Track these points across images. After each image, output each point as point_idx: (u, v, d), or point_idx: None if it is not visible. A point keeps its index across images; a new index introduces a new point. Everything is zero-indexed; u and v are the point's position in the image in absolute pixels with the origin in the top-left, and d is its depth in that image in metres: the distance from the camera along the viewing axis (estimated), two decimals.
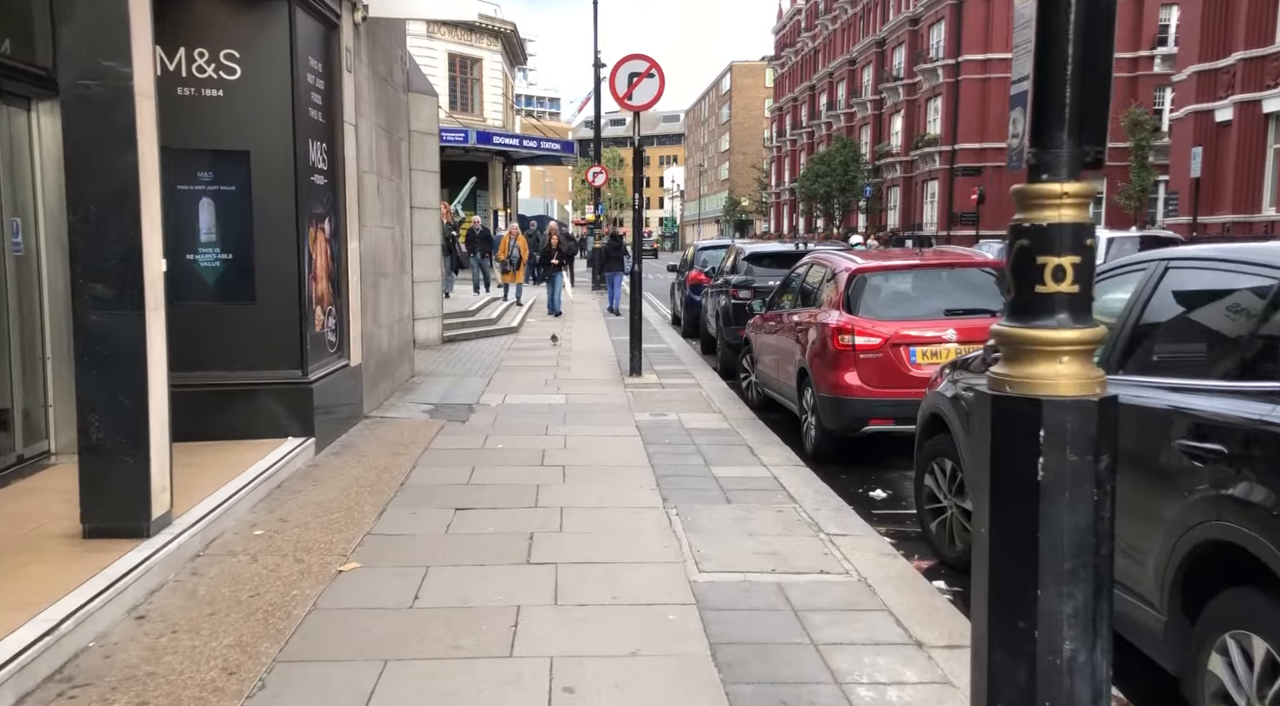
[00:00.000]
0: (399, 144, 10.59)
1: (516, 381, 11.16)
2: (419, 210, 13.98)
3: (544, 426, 8.51)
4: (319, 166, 7.55)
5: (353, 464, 6.98)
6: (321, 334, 7.61)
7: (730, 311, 11.99)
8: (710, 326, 13.88)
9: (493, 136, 36.52)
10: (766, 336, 9.42)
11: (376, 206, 9.32)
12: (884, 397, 7.14)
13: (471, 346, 14.53)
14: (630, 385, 10.97)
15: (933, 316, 7.30)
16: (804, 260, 9.12)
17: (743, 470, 6.94)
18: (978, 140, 41.06)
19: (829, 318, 7.56)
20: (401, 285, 10.60)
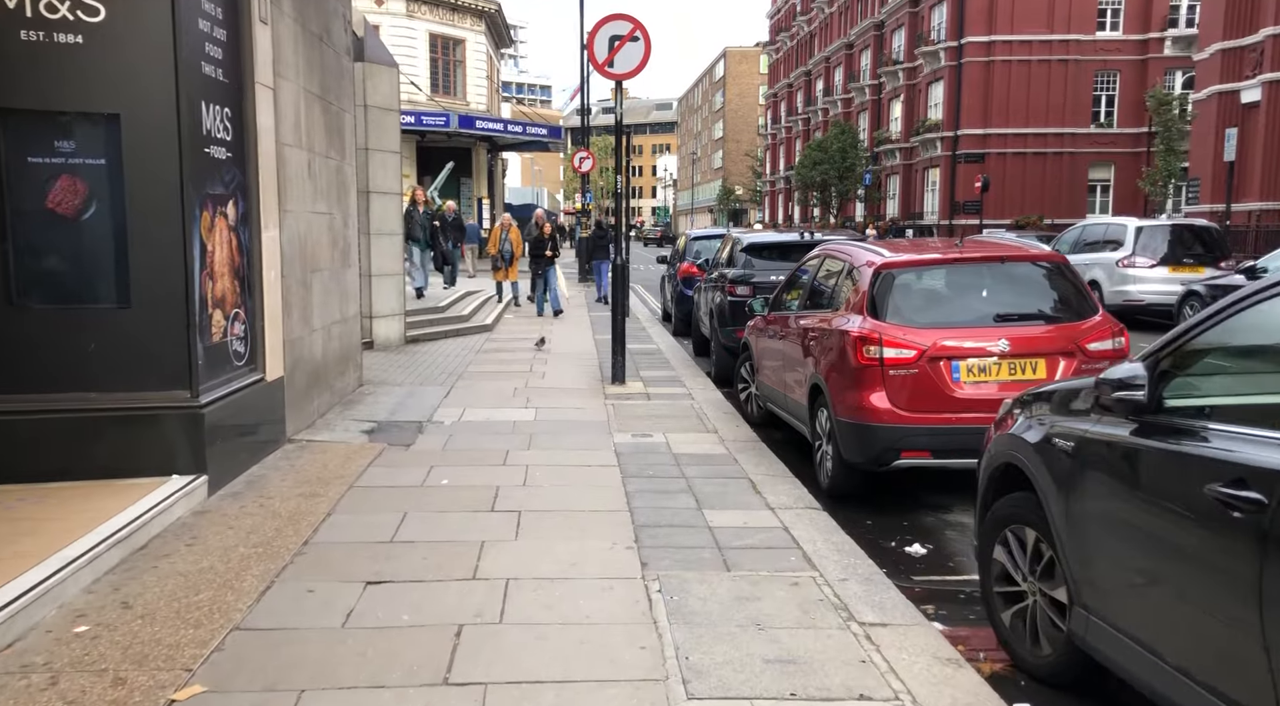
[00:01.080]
0: (341, 117, 9.12)
1: (481, 391, 9.71)
2: (377, 195, 12.52)
3: (503, 452, 7.07)
4: (218, 136, 6.08)
5: (253, 510, 5.54)
6: (223, 344, 6.16)
7: (726, 310, 10.55)
8: (703, 325, 12.45)
9: (475, 120, 34.98)
10: (770, 342, 7.99)
11: (306, 188, 7.85)
12: (919, 425, 5.72)
13: (438, 347, 13.07)
14: (611, 396, 9.54)
15: (979, 322, 5.87)
16: (815, 253, 7.69)
17: (744, 516, 5.52)
18: (981, 126, 39.61)
19: (849, 324, 6.13)
20: (344, 281, 9.15)
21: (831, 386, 6.20)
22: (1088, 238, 17.20)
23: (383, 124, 12.58)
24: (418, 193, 17.39)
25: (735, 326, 10.40)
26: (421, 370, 10.99)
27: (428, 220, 17.14)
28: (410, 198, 16.88)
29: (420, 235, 16.66)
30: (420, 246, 16.68)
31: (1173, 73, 38.51)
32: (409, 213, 16.16)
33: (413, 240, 16.19)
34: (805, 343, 6.88)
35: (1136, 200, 38.54)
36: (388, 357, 11.88)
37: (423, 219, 16.89)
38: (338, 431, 7.76)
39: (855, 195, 49.95)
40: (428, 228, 17.01)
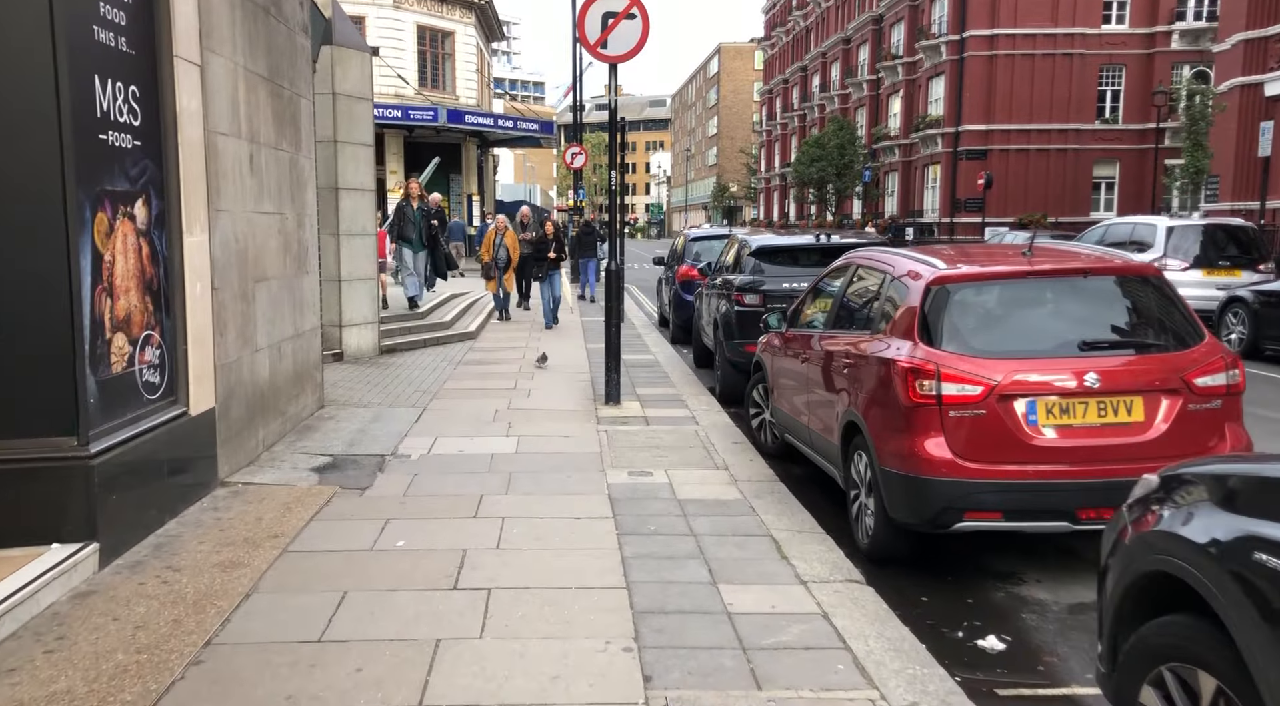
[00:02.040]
0: (295, 103, 7.96)
1: (457, 414, 8.57)
2: (348, 192, 11.37)
3: (475, 498, 5.93)
4: (121, 120, 4.93)
5: (152, 589, 4.39)
6: (127, 375, 5.01)
7: (734, 321, 9.43)
8: (706, 336, 11.32)
9: (465, 115, 33.84)
10: (789, 363, 6.87)
11: (249, 185, 6.69)
12: (987, 478, 4.61)
13: (415, 359, 11.91)
14: (605, 419, 8.41)
15: (1060, 352, 4.76)
16: (843, 261, 6.55)
17: (771, 595, 4.40)
18: (983, 121, 38.55)
19: (895, 351, 5.01)
20: (299, 290, 8.00)
21: (873, 427, 5.08)
22: (1112, 238, 16.12)
23: (353, 114, 11.43)
24: (412, 186, 15.25)
25: (744, 340, 9.28)
26: (393, 387, 9.83)
27: (422, 218, 14.79)
28: (403, 192, 15.23)
29: (414, 235, 14.58)
30: (413, 248, 14.59)
31: (1180, 67, 37.50)
32: (400, 209, 14.80)
33: (404, 241, 14.46)
34: (836, 370, 5.76)
35: (1142, 198, 37.54)
36: (358, 372, 10.73)
37: (416, 216, 14.67)
38: (284, 469, 6.61)
39: (853, 193, 48.84)
40: (422, 226, 14.75)
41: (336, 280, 11.39)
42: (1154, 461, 4.51)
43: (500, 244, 15.86)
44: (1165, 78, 36.64)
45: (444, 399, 9.29)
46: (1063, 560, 5.23)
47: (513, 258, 16.01)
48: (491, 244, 15.88)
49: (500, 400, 9.22)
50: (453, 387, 9.91)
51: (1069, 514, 4.57)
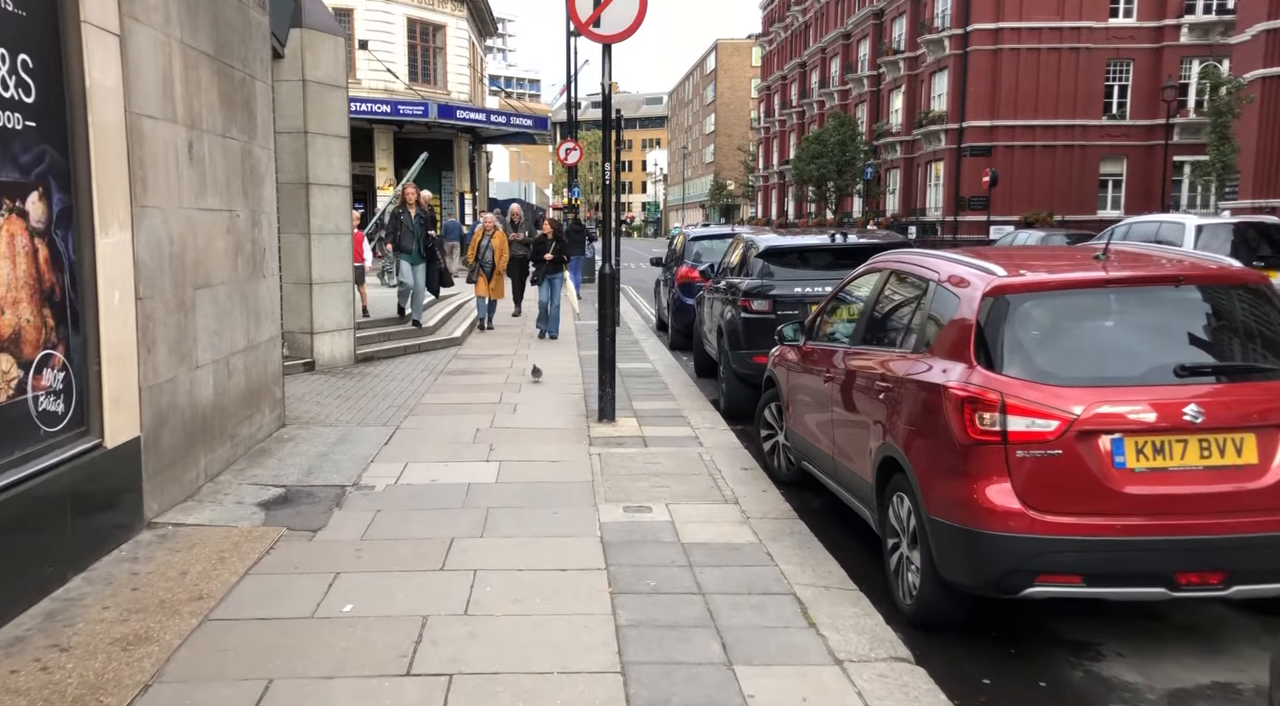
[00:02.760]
0: (249, 86, 7.08)
1: (434, 433, 7.70)
2: (321, 188, 10.50)
3: (445, 543, 5.07)
4: (6, 96, 4.06)
5: (25, 682, 3.51)
6: (16, 405, 4.13)
7: (740, 329, 8.57)
8: (708, 344, 10.45)
9: (456, 110, 32.91)
10: (807, 381, 6.01)
11: (187, 177, 5.82)
12: (1065, 534, 3.75)
13: (393, 368, 11.03)
14: (598, 440, 7.55)
15: (1153, 378, 3.90)
16: (871, 265, 5.68)
17: (800, 683, 3.54)
18: (988, 117, 37.68)
19: (945, 374, 4.15)
20: (254, 296, 7.12)
21: (918, 466, 4.22)
22: (1136, 237, 15.26)
23: (326, 103, 10.55)
24: (409, 192, 13.54)
25: (751, 351, 8.42)
26: (366, 401, 8.95)
27: (421, 227, 13.01)
28: (399, 199, 13.64)
29: (412, 246, 12.79)
30: (411, 260, 12.76)
31: (1189, 61, 36.65)
32: (396, 217, 13.24)
33: (402, 253, 12.82)
34: (867, 393, 4.90)
35: (1150, 196, 36.70)
36: (329, 384, 9.84)
37: (415, 225, 12.88)
38: (226, 505, 5.74)
39: (854, 191, 48.00)
40: (421, 237, 12.96)
41: (307, 283, 10.51)
42: (1271, 513, 3.67)
43: (486, 245, 14.33)
44: (1174, 73, 35.81)
45: (421, 415, 8.41)
46: (1147, 626, 4.36)
47: (499, 261, 14.43)
48: (477, 245, 14.46)
49: (483, 417, 8.34)
50: (432, 402, 9.03)
51: (1166, 578, 3.72)
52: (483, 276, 14.43)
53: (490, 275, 14.48)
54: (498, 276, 14.67)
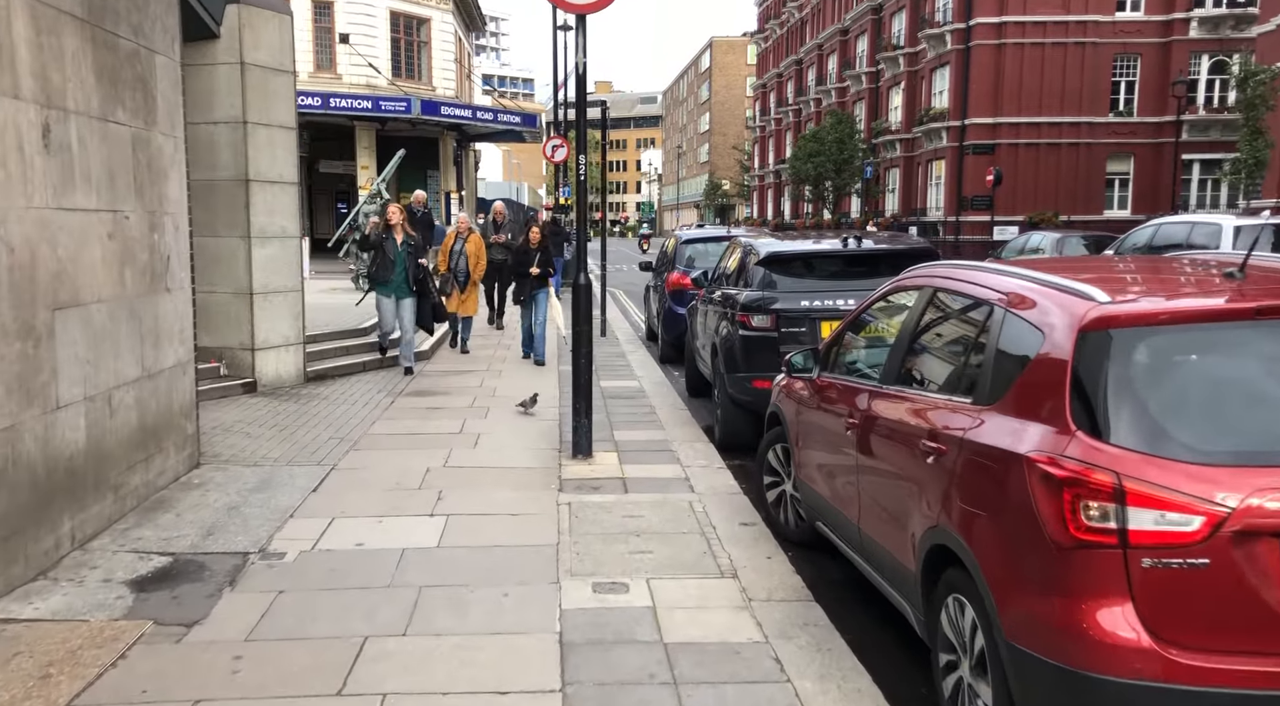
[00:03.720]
0: (146, 61, 5.86)
1: (375, 475, 6.49)
2: (263, 186, 9.30)
3: (355, 646, 3.86)
4: None
5: None
6: None
7: (738, 348, 7.37)
8: (701, 361, 9.26)
9: (440, 106, 31.69)
10: (823, 421, 4.82)
11: (41, 169, 4.60)
12: (1220, 686, 2.55)
13: (347, 388, 9.81)
14: (570, 483, 6.35)
15: None
16: (909, 279, 4.47)
17: None
18: (991, 114, 36.51)
19: (1027, 439, 2.96)
20: (152, 315, 5.89)
21: (989, 567, 3.02)
22: (1164, 240, 14.07)
23: (269, 89, 9.34)
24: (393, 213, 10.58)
25: (751, 374, 7.23)
26: (305, 431, 7.74)
27: (408, 255, 10.39)
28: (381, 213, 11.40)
29: (395, 277, 10.32)
30: (393, 293, 10.38)
31: (1199, 56, 35.58)
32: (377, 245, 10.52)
33: (379, 286, 10.49)
34: (907, 452, 3.70)
35: (1158, 195, 35.63)
36: (269, 409, 8.63)
37: (400, 253, 10.32)
38: (89, 584, 4.52)
39: (853, 190, 46.82)
40: (409, 266, 10.40)
41: (248, 293, 9.30)
42: None
43: (460, 251, 12.15)
44: (1183, 68, 34.73)
45: (365, 450, 7.20)
46: None
47: (473, 270, 12.19)
48: (449, 250, 12.27)
49: (437, 452, 7.13)
50: (382, 433, 7.82)
51: None
52: (455, 289, 12.07)
53: (464, 286, 12.17)
54: (472, 288, 12.32)
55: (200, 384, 9.00)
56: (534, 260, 11.28)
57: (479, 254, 12.38)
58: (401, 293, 10.39)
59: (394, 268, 10.34)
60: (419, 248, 10.62)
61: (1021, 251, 19.48)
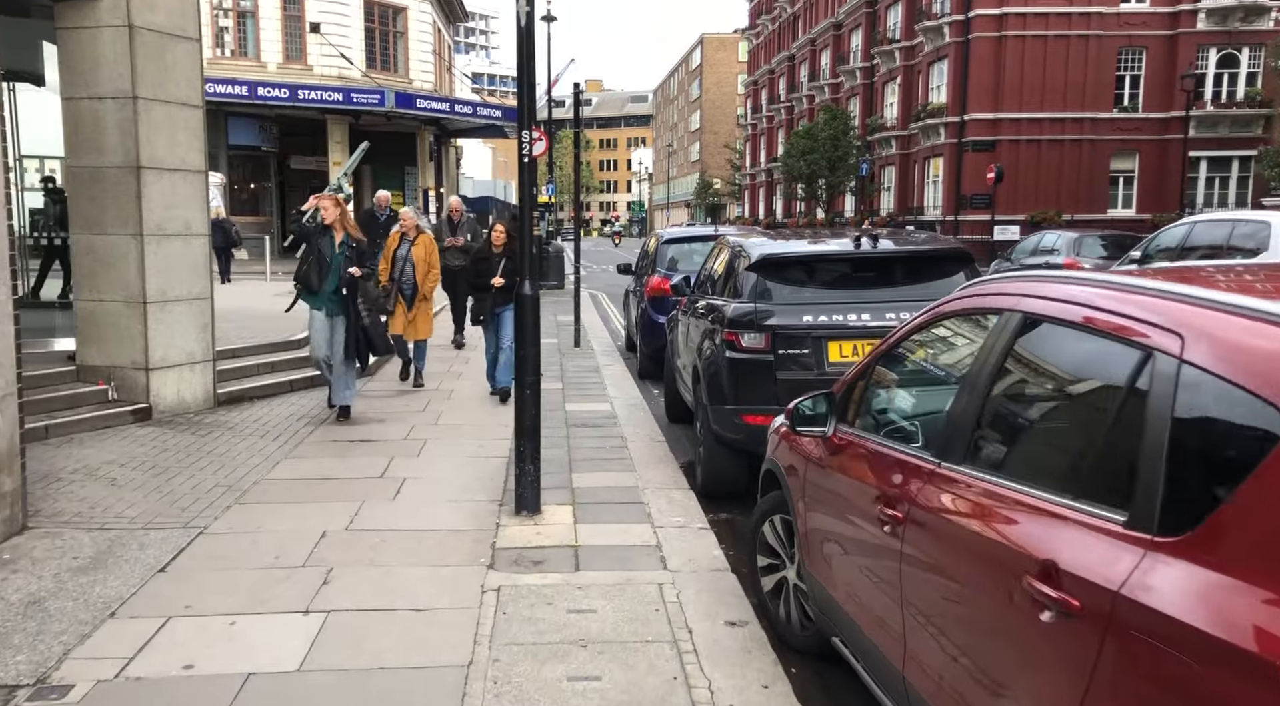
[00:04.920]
0: None
1: (253, 544, 4.99)
2: (158, 174, 7.81)
3: None
4: None
5: None
6: None
7: (725, 374, 5.88)
8: (682, 382, 7.77)
9: (416, 99, 30.15)
10: (844, 491, 3.33)
11: None
12: None
13: (263, 413, 8.30)
14: (505, 554, 4.86)
15: None
16: (975, 299, 2.96)
17: None
18: (991, 110, 35.10)
19: (1271, 621, 1.47)
20: None
21: None
22: (1200, 241, 12.69)
23: (166, 59, 7.83)
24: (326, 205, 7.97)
25: (741, 407, 5.76)
26: (187, 476, 6.23)
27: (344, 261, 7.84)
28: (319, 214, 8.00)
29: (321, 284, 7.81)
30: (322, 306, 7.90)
31: (1206, 49, 34.25)
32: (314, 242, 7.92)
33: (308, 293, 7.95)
34: (1001, 587, 2.22)
35: (1164, 193, 34.32)
36: (156, 444, 7.11)
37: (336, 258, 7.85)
38: None
39: (847, 188, 45.40)
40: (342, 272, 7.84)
41: (140, 302, 7.78)
42: None
43: (405, 258, 9.57)
44: (1190, 62, 33.39)
45: (252, 504, 5.70)
46: None
47: (422, 282, 9.58)
48: (391, 257, 9.60)
49: (343, 509, 5.62)
50: (283, 477, 6.31)
51: None
52: (400, 306, 9.50)
53: (411, 302, 9.55)
54: (422, 304, 9.62)
55: (81, 411, 7.53)
56: (497, 269, 8.76)
57: (430, 260, 9.69)
58: (335, 308, 7.91)
59: (328, 273, 7.81)
60: (360, 254, 7.97)
61: (1034, 252, 18.07)
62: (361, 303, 7.91)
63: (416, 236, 9.77)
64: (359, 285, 7.90)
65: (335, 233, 7.94)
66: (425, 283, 9.65)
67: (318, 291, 7.87)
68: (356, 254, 7.93)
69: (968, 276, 5.93)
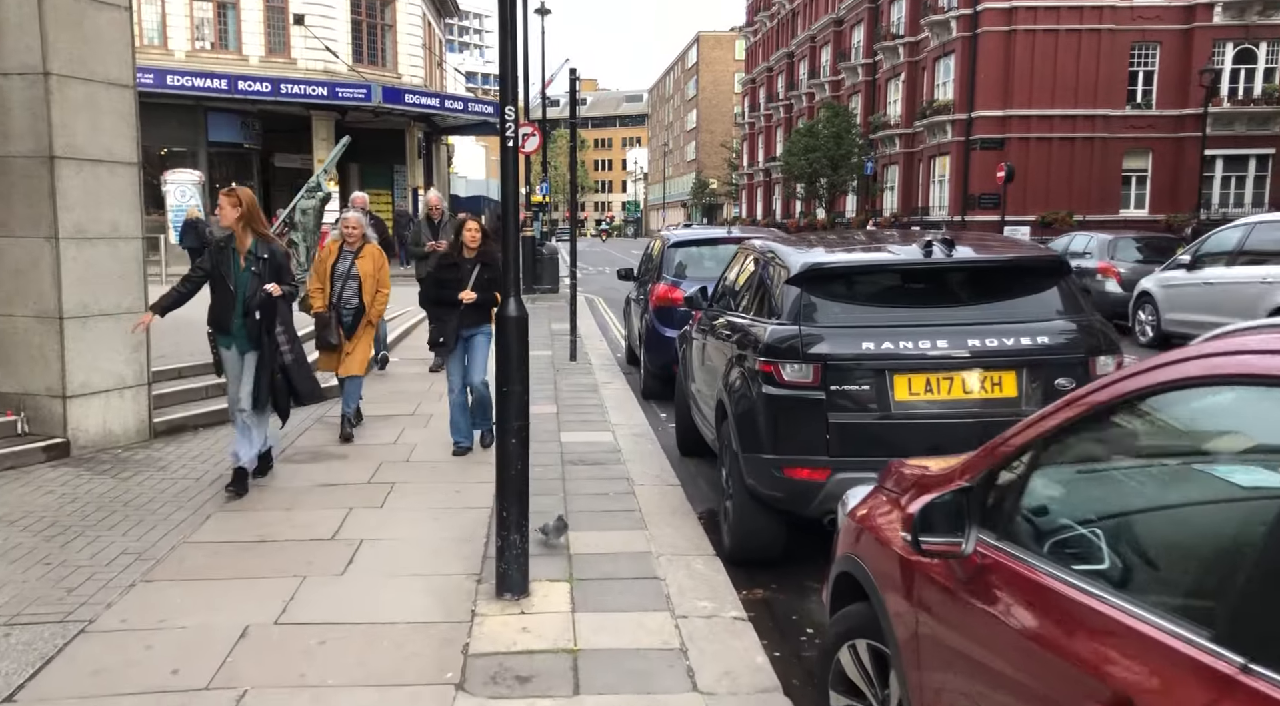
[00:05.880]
0: None
1: (142, 650, 3.77)
2: (78, 165, 6.59)
3: None
4: None
5: None
6: None
7: (761, 414, 4.65)
8: (699, 414, 6.54)
9: (404, 93, 28.95)
10: (1015, 656, 2.11)
11: None
12: None
13: (204, 447, 7.06)
14: (481, 665, 3.65)
15: None
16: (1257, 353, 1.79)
17: None
18: (1000, 107, 33.97)
19: None
20: None
21: None
22: (1261, 244, 11.48)
23: (86, 28, 6.61)
24: (224, 207, 5.79)
25: (785, 459, 4.56)
26: (88, 539, 5.00)
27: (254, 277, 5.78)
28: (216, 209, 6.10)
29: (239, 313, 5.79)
30: (234, 345, 5.89)
31: (1222, 44, 33.14)
32: (211, 242, 6.48)
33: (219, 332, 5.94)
34: None
35: (1178, 193, 33.27)
36: (66, 489, 5.88)
37: (243, 274, 5.80)
38: None
39: (849, 188, 44.23)
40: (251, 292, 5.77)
41: (55, 317, 6.56)
42: None
43: (347, 274, 7.28)
44: (1206, 57, 32.27)
45: (161, 583, 4.48)
46: None
47: (369, 306, 7.36)
48: (327, 273, 7.28)
49: (279, 588, 4.40)
50: (208, 540, 5.09)
51: None
52: (339, 334, 7.24)
53: (351, 331, 7.29)
54: (363, 331, 7.38)
55: None
56: (468, 279, 6.70)
57: (380, 277, 7.39)
58: (246, 341, 5.82)
59: (234, 302, 5.76)
60: (278, 269, 5.85)
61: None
62: (281, 333, 5.87)
63: (362, 247, 7.44)
64: (277, 308, 5.81)
65: (237, 241, 5.83)
66: (373, 306, 7.39)
67: (226, 328, 5.82)
68: (272, 266, 5.83)
69: (1064, 290, 4.76)
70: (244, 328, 5.76)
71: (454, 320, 6.78)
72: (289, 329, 5.95)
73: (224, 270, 5.79)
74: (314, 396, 6.24)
